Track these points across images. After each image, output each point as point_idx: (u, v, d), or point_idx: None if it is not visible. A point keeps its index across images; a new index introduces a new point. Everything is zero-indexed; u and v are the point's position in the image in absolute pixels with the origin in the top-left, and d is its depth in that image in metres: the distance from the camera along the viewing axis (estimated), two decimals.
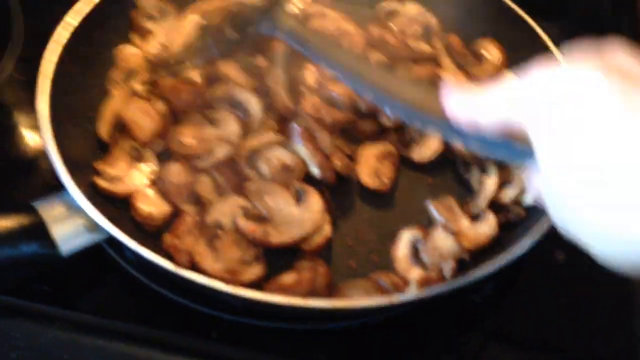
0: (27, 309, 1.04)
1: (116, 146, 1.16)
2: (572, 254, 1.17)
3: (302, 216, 1.08)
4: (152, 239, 1.07)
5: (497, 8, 1.39)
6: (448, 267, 1.06)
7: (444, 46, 1.41)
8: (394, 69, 1.33)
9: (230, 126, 1.19)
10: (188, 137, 1.15)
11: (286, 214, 1.09)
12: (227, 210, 1.10)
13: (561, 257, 1.19)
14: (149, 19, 1.35)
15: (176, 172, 1.12)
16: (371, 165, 1.22)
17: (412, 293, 1.02)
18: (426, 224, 1.15)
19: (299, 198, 1.11)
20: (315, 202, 1.10)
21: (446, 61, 1.39)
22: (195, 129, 1.17)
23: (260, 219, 1.08)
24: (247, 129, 1.20)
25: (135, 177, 1.12)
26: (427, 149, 1.25)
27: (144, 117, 1.16)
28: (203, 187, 1.13)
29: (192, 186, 1.12)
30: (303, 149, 1.15)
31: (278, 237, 1.06)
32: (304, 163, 1.16)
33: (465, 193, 1.22)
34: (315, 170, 1.15)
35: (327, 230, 1.11)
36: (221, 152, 1.16)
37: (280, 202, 1.10)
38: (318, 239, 1.09)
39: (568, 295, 1.16)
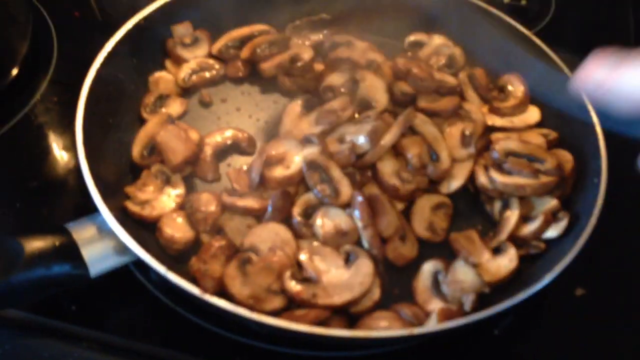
0: (55, 328, 1.06)
1: (146, 170, 1.19)
2: (592, 289, 1.21)
3: (352, 280, 1.06)
4: (180, 263, 1.09)
5: (522, 43, 1.41)
6: (469, 301, 1.06)
7: (468, 79, 1.44)
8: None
9: None
10: None
11: (335, 276, 1.07)
12: (265, 236, 1.11)
13: (580, 292, 1.19)
14: (183, 46, 1.39)
15: (205, 201, 1.14)
16: (426, 218, 1.21)
17: (430, 325, 1.03)
18: (448, 256, 1.16)
19: (348, 260, 1.10)
20: (365, 265, 1.08)
21: (470, 93, 1.41)
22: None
23: (307, 280, 1.07)
24: None
25: (163, 202, 1.15)
26: (454, 182, 1.26)
27: (177, 142, 1.20)
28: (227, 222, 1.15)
29: (218, 217, 1.14)
30: (359, 220, 1.14)
31: (326, 299, 1.04)
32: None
33: (487, 226, 1.23)
34: (365, 244, 1.14)
35: (376, 294, 1.09)
36: None
37: (330, 264, 1.08)
38: (367, 303, 1.07)
39: (587, 331, 1.16)
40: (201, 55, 1.40)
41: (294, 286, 1.04)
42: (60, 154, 1.32)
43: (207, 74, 1.39)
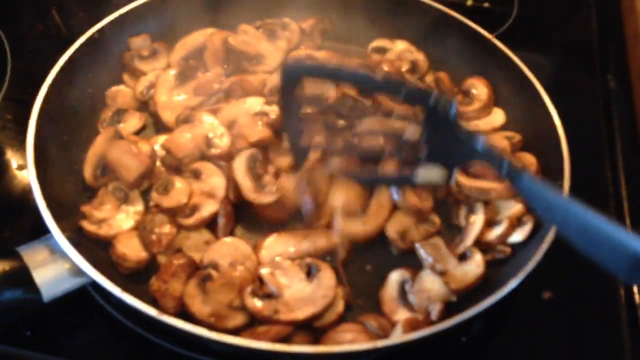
0: (10, 355, 1.03)
1: (102, 188, 1.16)
2: (559, 292, 1.20)
3: (314, 293, 1.04)
4: (138, 283, 1.07)
5: (483, 47, 1.41)
6: (435, 310, 1.05)
7: (435, 82, 1.43)
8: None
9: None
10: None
11: (297, 290, 1.05)
12: (225, 251, 1.09)
13: (548, 295, 1.19)
14: (141, 59, 1.36)
15: (159, 222, 1.12)
16: (403, 226, 1.19)
17: (395, 337, 1.01)
18: (415, 265, 1.14)
19: (310, 273, 1.08)
20: (327, 278, 1.06)
21: None
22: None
23: (268, 296, 1.04)
24: None
25: (121, 220, 1.13)
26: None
27: (129, 158, 1.16)
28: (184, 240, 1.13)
29: (173, 237, 1.12)
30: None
31: (288, 314, 1.02)
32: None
33: (452, 234, 1.22)
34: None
35: (340, 306, 1.07)
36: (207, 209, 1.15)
37: (291, 278, 1.06)
38: (331, 316, 1.05)
39: (555, 334, 1.15)
40: (160, 68, 1.37)
41: (254, 303, 1.02)
42: (16, 172, 1.29)
43: None
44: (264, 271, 1.07)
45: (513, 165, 1.00)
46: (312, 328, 1.05)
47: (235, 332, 0.98)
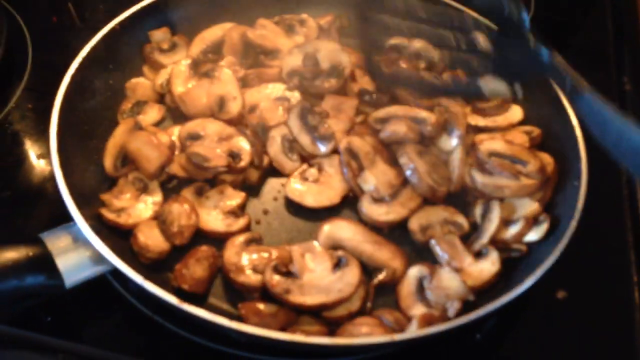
0: (31, 340, 1.04)
1: (122, 178, 1.17)
2: (573, 292, 1.21)
3: (332, 285, 1.05)
4: (158, 272, 1.08)
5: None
6: (453, 308, 1.05)
7: (451, 80, 1.43)
8: None
9: None
10: None
11: (317, 277, 1.06)
12: None
13: (562, 295, 1.19)
14: (160, 52, 1.38)
15: (177, 214, 1.12)
16: (426, 221, 1.19)
17: (411, 331, 1.02)
18: (433, 261, 1.15)
19: (338, 265, 1.09)
20: (351, 274, 1.07)
21: None
22: None
23: (288, 274, 1.06)
24: None
25: (140, 210, 1.14)
26: None
27: (150, 149, 1.17)
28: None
29: (195, 227, 1.13)
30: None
31: (298, 298, 1.03)
32: None
33: (469, 232, 1.22)
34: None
35: (355, 305, 1.07)
36: None
37: (318, 265, 1.07)
38: (341, 311, 1.06)
39: (569, 333, 1.16)
40: (179, 61, 1.38)
41: (272, 277, 1.04)
42: (35, 162, 1.30)
43: None
44: (294, 250, 1.08)
45: (578, 83, 1.00)
46: (328, 320, 1.06)
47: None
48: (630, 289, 1.21)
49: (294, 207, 1.22)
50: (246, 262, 1.08)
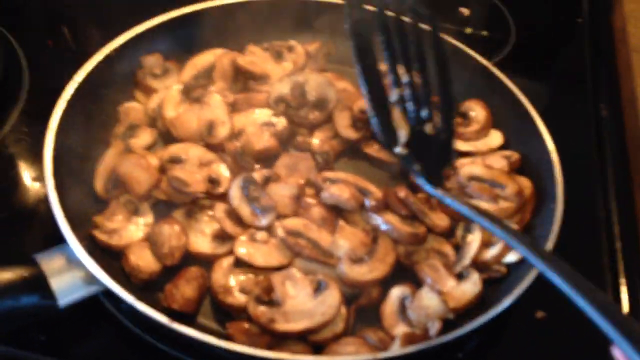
0: (24, 359, 1.06)
1: (114, 200, 1.21)
2: (552, 312, 1.24)
3: (315, 309, 1.08)
4: (150, 292, 1.11)
5: (481, 74, 1.46)
6: (434, 327, 1.08)
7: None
8: None
9: None
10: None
11: (299, 302, 1.08)
12: None
13: (541, 315, 1.23)
14: (153, 77, 1.42)
15: (167, 235, 1.15)
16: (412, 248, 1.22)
17: (394, 350, 1.05)
18: (416, 281, 1.18)
19: (318, 289, 1.11)
20: (332, 297, 1.09)
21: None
22: None
23: (270, 303, 1.08)
24: None
25: (131, 231, 1.17)
26: None
27: (140, 172, 1.20)
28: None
29: (184, 248, 1.16)
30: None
31: (284, 325, 1.06)
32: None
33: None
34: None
35: (339, 327, 1.09)
36: None
37: (299, 290, 1.10)
38: (327, 334, 1.08)
39: (548, 352, 1.19)
40: (171, 86, 1.41)
41: (256, 308, 1.07)
42: (30, 184, 1.33)
43: None
44: (275, 279, 1.11)
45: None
46: (314, 343, 1.08)
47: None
48: None
49: None
50: (234, 283, 1.11)
